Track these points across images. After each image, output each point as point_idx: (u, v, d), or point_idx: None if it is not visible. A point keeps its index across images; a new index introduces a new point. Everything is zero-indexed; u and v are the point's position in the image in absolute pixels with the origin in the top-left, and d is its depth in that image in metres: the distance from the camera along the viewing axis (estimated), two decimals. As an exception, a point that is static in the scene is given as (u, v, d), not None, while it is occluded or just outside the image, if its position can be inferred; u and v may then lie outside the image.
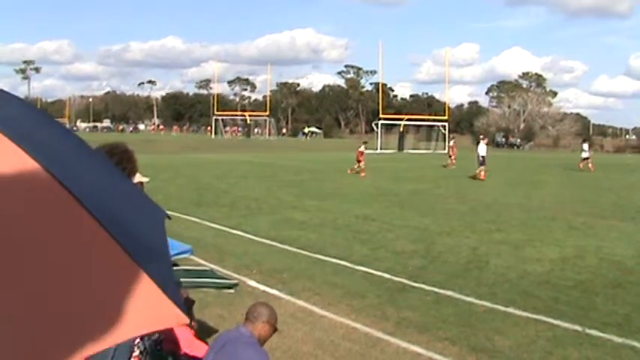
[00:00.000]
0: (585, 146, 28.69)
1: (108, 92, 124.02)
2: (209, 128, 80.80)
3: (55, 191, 0.83)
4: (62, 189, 0.83)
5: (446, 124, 51.43)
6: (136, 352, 3.21)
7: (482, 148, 22.25)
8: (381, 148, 45.50)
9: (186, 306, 3.19)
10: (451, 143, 30.38)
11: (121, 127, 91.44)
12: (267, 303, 3.35)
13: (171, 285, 0.89)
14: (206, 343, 4.45)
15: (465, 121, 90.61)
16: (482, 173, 21.35)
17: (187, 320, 0.88)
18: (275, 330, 2.96)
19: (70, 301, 0.81)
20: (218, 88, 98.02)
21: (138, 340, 3.14)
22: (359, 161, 23.00)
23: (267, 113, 73.59)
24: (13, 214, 0.82)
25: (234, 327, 3.32)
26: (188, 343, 3.56)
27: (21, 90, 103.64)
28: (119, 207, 0.92)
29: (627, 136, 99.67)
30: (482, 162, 21.78)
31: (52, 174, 0.83)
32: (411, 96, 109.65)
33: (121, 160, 2.87)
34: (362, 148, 23.63)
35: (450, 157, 29.09)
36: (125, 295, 0.83)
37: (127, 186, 1.06)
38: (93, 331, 0.81)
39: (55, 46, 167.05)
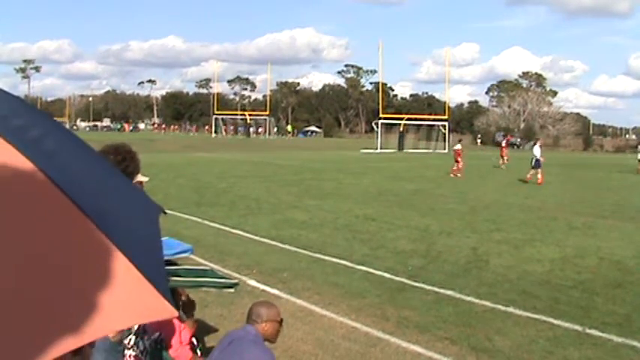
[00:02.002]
0: None
1: (108, 91, 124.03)
2: (207, 127, 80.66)
3: (42, 184, 0.82)
4: (53, 186, 0.83)
5: (446, 123, 51.42)
6: (136, 352, 3.21)
7: (537, 150, 21.09)
8: (381, 148, 45.49)
9: (188, 308, 3.19)
10: (503, 144, 30.37)
11: (130, 127, 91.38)
12: (265, 301, 3.34)
13: (161, 278, 0.89)
14: (203, 344, 4.46)
15: (465, 120, 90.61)
16: (540, 177, 20.30)
17: (176, 313, 0.88)
18: (281, 324, 2.97)
19: (55, 294, 0.80)
20: (218, 88, 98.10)
21: (132, 340, 3.14)
22: (457, 161, 22.63)
23: (267, 113, 73.56)
24: (5, 212, 0.81)
25: (236, 326, 3.32)
26: (175, 348, 3.56)
27: (21, 89, 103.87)
28: (108, 199, 0.92)
29: (627, 136, 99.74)
30: (538, 165, 20.57)
31: (40, 168, 0.83)
32: (411, 95, 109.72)
33: (125, 158, 2.99)
34: (458, 147, 23.10)
35: (503, 157, 28.88)
36: (112, 287, 0.83)
37: (119, 180, 1.05)
38: (79, 323, 0.80)
39: (55, 46, 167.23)
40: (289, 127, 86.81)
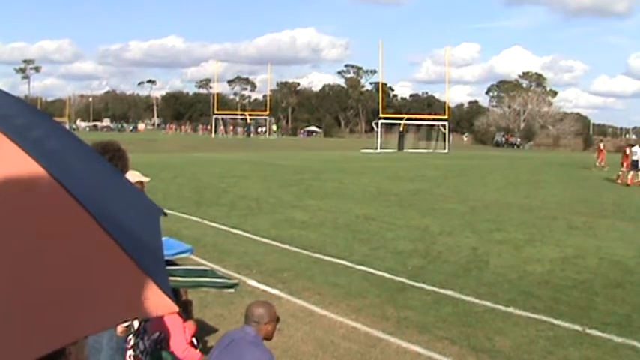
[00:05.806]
0: None
1: (108, 91, 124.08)
2: (202, 127, 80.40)
3: (51, 187, 0.84)
4: (57, 184, 0.84)
5: (446, 123, 51.42)
6: (136, 352, 3.21)
7: (638, 152, 21.14)
8: (381, 148, 45.48)
9: (184, 306, 3.20)
10: (601, 146, 28.58)
11: (140, 127, 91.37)
12: (262, 301, 3.33)
13: (161, 275, 0.90)
14: (203, 344, 4.45)
15: (465, 120, 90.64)
16: (630, 178, 20.37)
17: (176, 309, 0.90)
18: (277, 321, 2.98)
19: (56, 288, 0.82)
20: (218, 88, 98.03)
21: (132, 340, 3.14)
22: (623, 164, 22.09)
23: (267, 112, 73.58)
24: (10, 209, 0.82)
25: (236, 326, 3.32)
26: (182, 349, 3.56)
27: (21, 89, 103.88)
28: (112, 201, 0.94)
29: (627, 136, 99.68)
30: (637, 167, 20.73)
31: (48, 171, 0.84)
32: (411, 95, 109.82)
33: (113, 157, 2.94)
34: (631, 153, 22.05)
35: (601, 161, 27.38)
36: (113, 282, 0.85)
37: (121, 182, 1.08)
38: (82, 316, 0.82)
39: (55, 46, 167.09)
40: (274, 127, 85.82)
